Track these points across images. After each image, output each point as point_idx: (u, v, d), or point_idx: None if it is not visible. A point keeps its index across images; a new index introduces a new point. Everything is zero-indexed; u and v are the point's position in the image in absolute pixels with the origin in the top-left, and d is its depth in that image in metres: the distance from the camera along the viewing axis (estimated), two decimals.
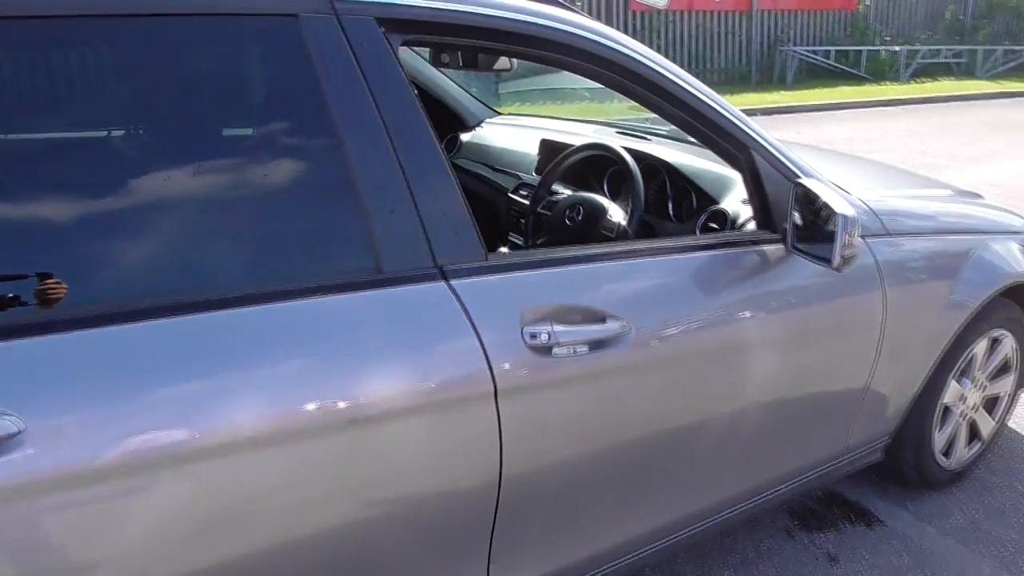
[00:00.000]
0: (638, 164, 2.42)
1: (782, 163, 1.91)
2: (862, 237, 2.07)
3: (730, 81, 15.17)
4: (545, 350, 1.48)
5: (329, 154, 1.35)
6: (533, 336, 1.46)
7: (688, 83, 1.79)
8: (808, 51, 15.82)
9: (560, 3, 1.71)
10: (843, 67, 15.73)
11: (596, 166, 2.67)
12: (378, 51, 1.40)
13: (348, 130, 1.34)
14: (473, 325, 1.41)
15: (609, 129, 2.99)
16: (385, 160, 1.37)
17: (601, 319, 1.56)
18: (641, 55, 1.72)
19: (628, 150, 2.51)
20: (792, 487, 2.20)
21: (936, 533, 2.50)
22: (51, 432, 1.06)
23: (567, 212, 2.41)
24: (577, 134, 2.97)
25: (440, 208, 1.43)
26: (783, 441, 2.07)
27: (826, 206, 1.76)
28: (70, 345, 1.09)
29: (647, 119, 2.95)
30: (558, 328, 1.49)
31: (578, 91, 3.57)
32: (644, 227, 2.40)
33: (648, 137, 2.79)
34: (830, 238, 1.77)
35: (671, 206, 2.41)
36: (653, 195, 2.44)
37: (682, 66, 1.87)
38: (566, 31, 1.62)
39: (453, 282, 1.42)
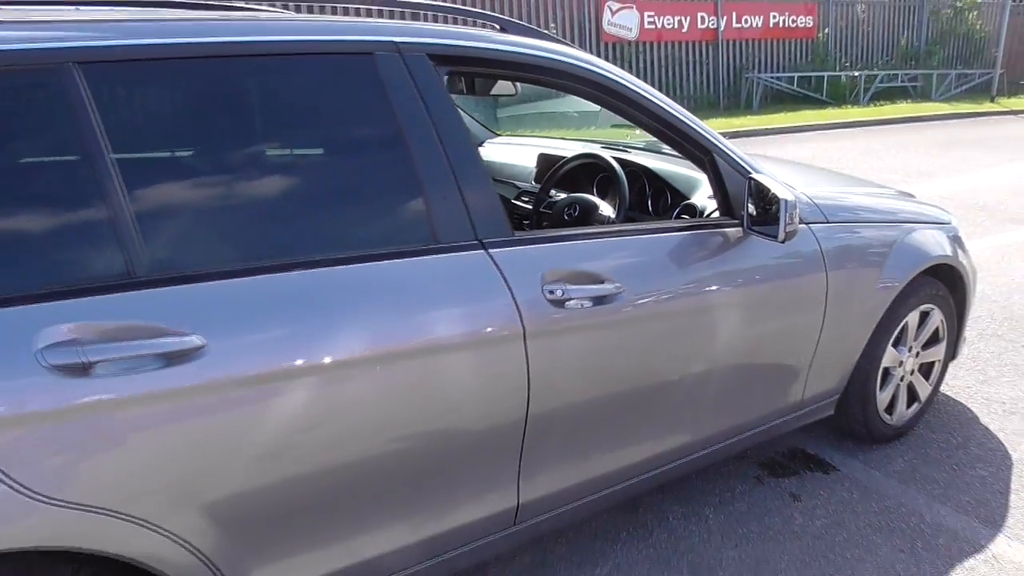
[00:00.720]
0: (622, 169, 2.91)
1: (738, 163, 2.40)
2: (807, 224, 2.56)
3: (699, 107, 15.83)
4: (560, 303, 1.94)
5: (400, 157, 1.81)
6: (551, 292, 1.92)
7: (663, 102, 2.28)
8: (772, 78, 16.56)
9: (561, 40, 2.20)
10: (806, 92, 16.47)
11: (586, 173, 3.15)
12: (431, 79, 1.87)
13: (412, 138, 1.81)
14: (507, 283, 1.87)
15: (595, 145, 3.48)
16: (438, 160, 1.84)
17: (601, 281, 2.03)
18: (627, 81, 2.21)
19: (613, 158, 2.99)
20: (758, 432, 2.67)
21: (881, 476, 2.97)
22: (224, 348, 1.50)
23: (565, 210, 2.88)
24: (568, 149, 3.45)
25: (478, 196, 1.89)
26: (747, 392, 2.53)
27: (773, 195, 2.25)
28: (236, 288, 1.54)
29: (627, 135, 3.45)
30: (570, 287, 1.95)
31: (567, 115, 4.07)
32: (628, 221, 2.87)
33: (628, 150, 3.28)
34: (776, 220, 2.25)
35: (650, 203, 2.90)
36: (634, 195, 2.92)
37: None
38: (569, 62, 2.11)
39: (491, 251, 1.88)
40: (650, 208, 2.90)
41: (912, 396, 3.21)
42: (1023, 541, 2.58)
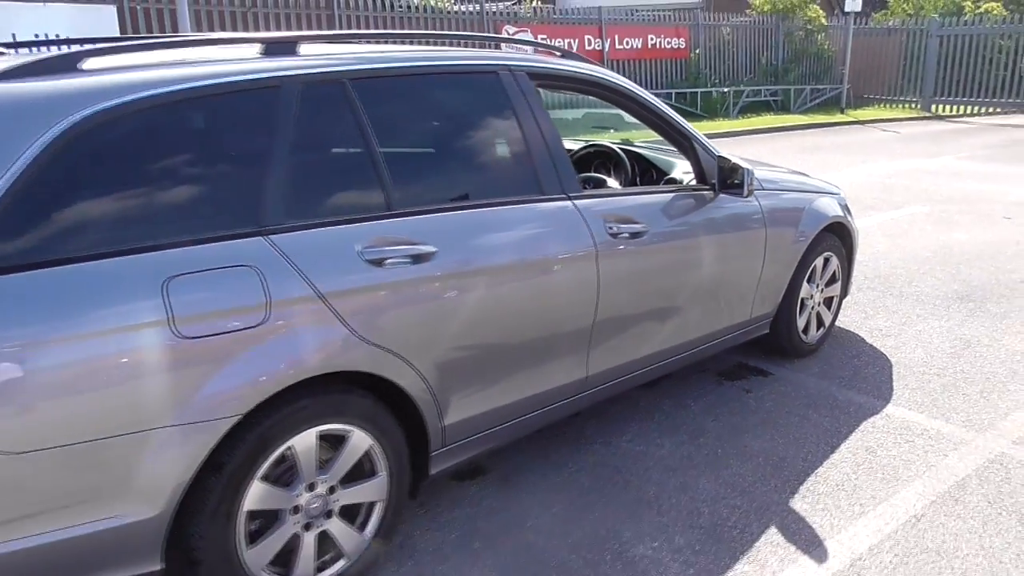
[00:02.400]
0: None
1: (707, 147, 3.46)
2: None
3: None
4: (615, 236, 2.92)
5: (519, 139, 2.75)
6: (610, 228, 2.91)
7: (662, 106, 3.33)
8: (652, 94, 18.10)
9: (596, 64, 3.21)
10: (682, 107, 18.11)
11: (588, 160, 4.16)
12: (530, 89, 2.83)
13: (525, 126, 2.76)
14: (585, 221, 2.84)
15: (582, 141, 4.49)
16: (539, 141, 2.79)
17: (636, 223, 3.03)
18: (641, 92, 3.25)
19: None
20: (725, 340, 3.73)
21: (804, 376, 4.10)
22: (447, 252, 2.41)
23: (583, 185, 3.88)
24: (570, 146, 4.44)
25: (563, 164, 2.85)
26: (718, 308, 3.58)
27: (736, 166, 3.32)
28: (449, 217, 2.46)
29: (607, 135, 4.48)
30: (620, 225, 2.94)
31: (559, 120, 5.10)
32: None
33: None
34: (738, 185, 3.32)
35: (638, 179, 3.94)
36: (625, 173, 3.95)
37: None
38: (607, 79, 3.12)
39: (574, 201, 2.85)
40: (638, 183, 3.94)
41: (819, 322, 4.36)
42: (905, 407, 3.74)
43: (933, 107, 22.26)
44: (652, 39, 18.36)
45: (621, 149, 4.03)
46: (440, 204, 2.49)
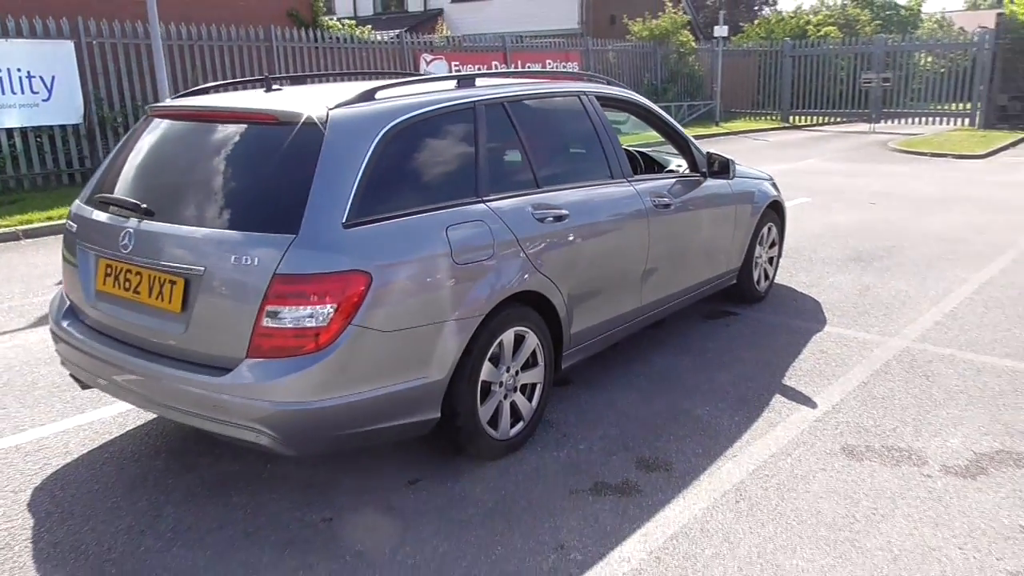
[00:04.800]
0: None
1: (698, 146, 4.84)
2: None
3: None
4: (656, 206, 4.25)
5: (595, 141, 4.03)
6: (653, 201, 4.23)
7: (669, 118, 4.69)
8: None
9: (628, 89, 4.54)
10: None
11: None
12: (599, 106, 4.13)
13: (600, 133, 4.05)
14: (640, 197, 4.15)
15: None
16: (608, 142, 4.09)
17: (665, 197, 4.36)
18: (657, 109, 4.60)
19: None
20: (712, 287, 5.11)
21: (762, 314, 5.53)
22: (574, 215, 3.65)
23: None
24: None
25: (622, 157, 4.16)
26: (710, 260, 4.96)
27: (722, 158, 4.73)
28: (573, 192, 3.71)
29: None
30: (658, 199, 4.27)
31: None
32: None
33: None
34: (720, 172, 4.74)
35: (644, 171, 5.30)
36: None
37: None
38: (636, 99, 4.47)
39: (632, 184, 4.15)
40: (645, 173, 5.30)
41: (766, 275, 5.83)
42: (838, 326, 5.22)
43: (791, 118, 24.98)
44: (550, 63, 20.01)
45: (633, 150, 5.39)
46: (563, 183, 3.74)
